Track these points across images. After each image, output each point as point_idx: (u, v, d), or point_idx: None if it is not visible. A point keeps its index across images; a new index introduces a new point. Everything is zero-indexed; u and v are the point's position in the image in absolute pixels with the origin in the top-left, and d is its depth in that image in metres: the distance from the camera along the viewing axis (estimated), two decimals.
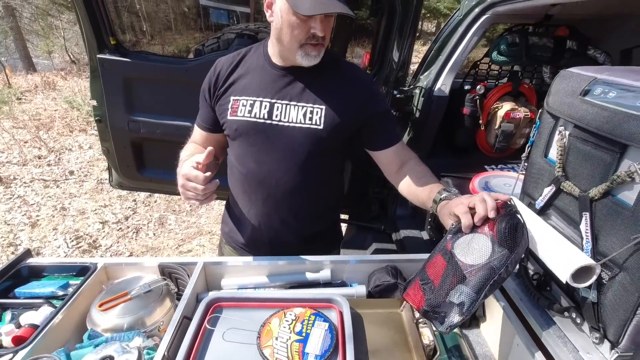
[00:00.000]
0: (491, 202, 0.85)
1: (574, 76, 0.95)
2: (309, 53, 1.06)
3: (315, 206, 1.30)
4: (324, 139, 1.15)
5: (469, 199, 0.89)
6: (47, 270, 1.26)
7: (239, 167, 1.24)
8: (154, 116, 1.82)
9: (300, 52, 1.06)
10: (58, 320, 1.02)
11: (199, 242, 3.43)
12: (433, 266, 0.89)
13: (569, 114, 0.93)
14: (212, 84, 1.20)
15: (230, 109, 1.17)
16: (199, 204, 1.05)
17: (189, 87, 1.73)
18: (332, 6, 0.97)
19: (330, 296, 1.10)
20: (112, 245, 3.36)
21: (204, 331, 0.99)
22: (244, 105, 1.15)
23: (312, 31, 1.02)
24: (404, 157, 1.21)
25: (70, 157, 4.98)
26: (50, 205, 3.89)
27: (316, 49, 1.07)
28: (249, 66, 1.18)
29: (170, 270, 1.25)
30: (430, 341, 0.99)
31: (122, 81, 1.76)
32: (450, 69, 1.80)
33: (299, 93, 1.14)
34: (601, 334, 0.82)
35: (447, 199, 0.98)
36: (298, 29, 1.02)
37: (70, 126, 5.96)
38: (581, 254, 0.83)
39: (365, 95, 1.18)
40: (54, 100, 7.40)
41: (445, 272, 0.85)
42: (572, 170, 0.93)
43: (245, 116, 1.15)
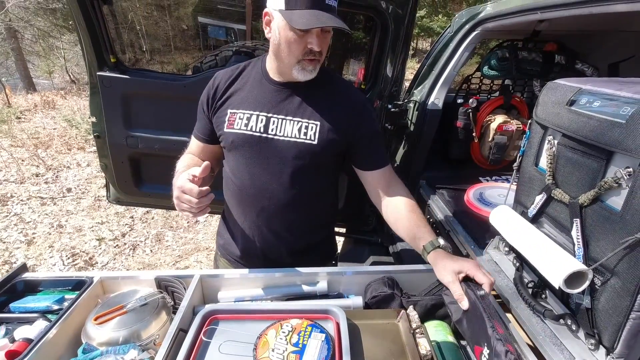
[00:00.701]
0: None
1: (560, 87, 0.99)
2: (306, 68, 1.10)
3: (309, 220, 1.31)
4: (317, 153, 1.17)
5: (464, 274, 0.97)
6: (42, 284, 1.25)
7: (234, 179, 1.25)
8: (152, 132, 1.85)
9: (297, 67, 1.09)
10: (52, 335, 1.01)
11: (196, 259, 3.41)
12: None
13: (557, 124, 0.95)
14: (211, 96, 1.23)
15: (227, 121, 1.19)
16: (192, 215, 1.06)
17: (187, 102, 1.76)
18: (327, 21, 1.01)
19: (327, 307, 1.09)
20: (108, 262, 3.33)
21: (200, 343, 0.98)
22: (240, 118, 1.18)
23: (309, 46, 1.06)
24: (390, 181, 1.24)
25: (68, 174, 4.99)
26: (47, 223, 3.87)
27: (312, 63, 1.10)
28: (247, 80, 1.21)
29: (166, 283, 1.24)
30: (427, 351, 0.99)
31: (121, 98, 1.79)
32: (442, 83, 1.85)
33: (295, 108, 1.17)
34: (596, 339, 0.82)
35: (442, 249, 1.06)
36: (295, 44, 1.05)
37: (68, 144, 5.99)
38: (573, 259, 0.84)
39: (358, 115, 1.20)
40: (53, 119, 7.45)
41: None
42: (561, 178, 0.95)
43: (242, 129, 1.17)
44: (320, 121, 1.16)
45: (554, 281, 0.82)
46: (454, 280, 0.96)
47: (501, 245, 1.24)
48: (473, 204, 1.62)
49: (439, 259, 1.03)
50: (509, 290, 1.10)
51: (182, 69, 2.42)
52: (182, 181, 1.02)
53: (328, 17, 1.00)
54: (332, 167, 1.28)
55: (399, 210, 1.19)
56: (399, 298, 1.18)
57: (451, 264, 0.99)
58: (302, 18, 1.00)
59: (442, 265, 1.01)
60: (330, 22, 1.01)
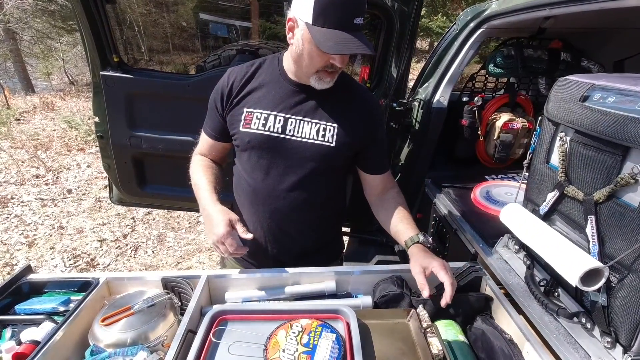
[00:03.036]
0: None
1: (572, 83, 0.98)
2: (323, 79, 1.10)
3: (320, 220, 1.31)
4: (334, 156, 1.18)
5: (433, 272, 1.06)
6: (48, 286, 1.24)
7: (248, 178, 1.24)
8: (156, 132, 1.83)
9: (315, 77, 1.10)
10: (60, 336, 1.00)
11: (198, 259, 3.39)
12: None
13: (569, 120, 0.94)
14: (225, 94, 1.20)
15: (243, 120, 1.18)
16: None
17: (190, 102, 1.76)
18: (354, 47, 0.98)
19: (337, 307, 1.08)
20: (110, 263, 3.32)
21: (209, 345, 0.97)
22: (257, 118, 1.16)
23: (331, 61, 1.05)
24: (387, 185, 1.31)
25: (68, 175, 4.97)
26: (48, 224, 3.85)
27: (331, 76, 1.10)
28: (264, 79, 1.20)
29: (173, 284, 1.23)
30: (439, 351, 0.98)
31: (124, 97, 1.78)
32: (447, 81, 1.83)
33: (313, 110, 1.16)
34: (613, 338, 0.81)
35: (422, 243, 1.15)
36: (318, 58, 1.05)
37: (68, 145, 5.97)
38: (589, 257, 0.83)
39: (373, 120, 1.23)
40: (53, 120, 7.43)
41: None
42: (574, 175, 0.94)
43: (260, 129, 1.16)
44: (337, 124, 1.16)
45: (570, 279, 0.81)
46: (419, 272, 1.07)
47: (511, 243, 1.23)
48: (480, 203, 1.61)
49: (415, 253, 1.12)
50: (520, 289, 1.09)
51: (185, 69, 2.40)
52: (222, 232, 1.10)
53: (355, 42, 0.99)
54: (344, 169, 1.29)
55: (387, 209, 1.27)
56: (408, 297, 1.17)
57: (421, 260, 1.08)
58: (329, 40, 0.99)
59: (415, 259, 1.11)
60: (357, 49, 1.00)
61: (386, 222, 1.26)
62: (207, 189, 1.20)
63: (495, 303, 1.13)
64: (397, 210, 1.24)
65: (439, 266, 1.04)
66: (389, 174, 1.32)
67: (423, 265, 1.07)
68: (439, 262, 1.05)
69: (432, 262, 1.06)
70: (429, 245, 1.15)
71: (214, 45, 2.18)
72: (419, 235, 1.16)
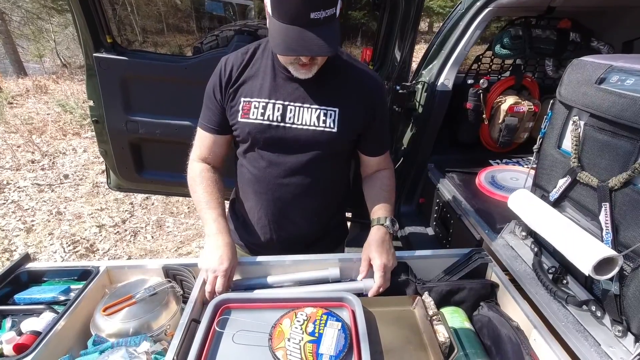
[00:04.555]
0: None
1: (588, 65, 0.94)
2: (299, 70, 1.05)
3: (325, 207, 1.29)
4: (336, 141, 1.14)
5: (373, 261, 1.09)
6: (47, 275, 1.22)
7: (250, 168, 1.21)
8: (153, 116, 1.78)
9: (292, 67, 1.05)
10: (61, 326, 0.99)
11: (198, 245, 3.38)
12: None
13: (584, 103, 0.91)
14: (224, 84, 1.15)
15: (241, 110, 1.13)
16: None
17: (188, 85, 1.70)
18: (303, 48, 0.92)
19: (342, 295, 1.07)
20: (109, 249, 3.30)
21: (213, 334, 0.95)
22: (255, 107, 1.12)
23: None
24: (381, 166, 1.29)
25: (64, 160, 4.90)
26: (46, 210, 3.82)
27: (306, 67, 1.04)
28: (259, 66, 1.14)
29: (174, 272, 1.21)
30: (445, 338, 0.97)
31: (119, 80, 1.72)
32: (452, 63, 1.78)
33: (312, 95, 1.12)
34: (624, 326, 0.80)
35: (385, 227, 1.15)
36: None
37: (63, 130, 5.87)
38: (602, 245, 0.81)
39: (375, 99, 1.18)
40: (46, 104, 7.29)
41: None
42: (588, 161, 0.91)
43: (258, 119, 1.12)
44: (339, 107, 1.12)
45: (582, 268, 0.79)
46: (364, 258, 1.11)
47: (517, 229, 1.21)
48: (485, 188, 1.58)
49: (371, 238, 1.13)
50: (527, 276, 1.08)
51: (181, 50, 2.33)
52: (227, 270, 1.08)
53: (309, 41, 0.91)
54: (347, 153, 1.27)
55: (372, 187, 1.27)
56: (413, 284, 1.16)
57: (371, 250, 1.10)
58: (278, 37, 0.93)
59: (368, 244, 1.13)
60: (306, 50, 0.93)
61: (367, 199, 1.26)
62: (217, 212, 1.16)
63: (501, 290, 1.12)
64: (380, 189, 1.24)
65: (378, 267, 1.07)
66: (386, 156, 1.29)
67: (370, 256, 1.10)
68: (382, 261, 1.07)
69: (377, 259, 1.08)
70: (392, 232, 1.15)
71: (210, 25, 2.10)
72: (387, 219, 1.16)
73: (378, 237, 1.12)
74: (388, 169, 1.30)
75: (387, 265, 1.08)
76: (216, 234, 1.12)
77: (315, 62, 1.04)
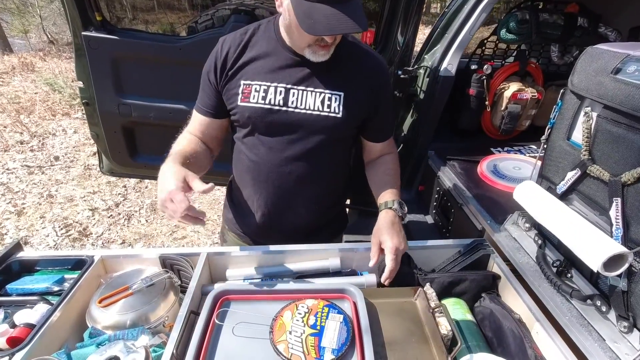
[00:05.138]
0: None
1: (604, 53, 0.90)
2: (317, 52, 1.01)
3: (326, 194, 1.26)
4: (341, 127, 1.11)
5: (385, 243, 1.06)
6: (39, 264, 1.19)
7: (249, 154, 1.17)
8: (147, 99, 1.71)
9: (309, 50, 1.01)
10: (56, 318, 0.96)
11: (193, 229, 3.35)
12: None
13: (598, 94, 0.88)
14: (220, 65, 1.10)
15: (241, 94, 1.08)
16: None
17: (183, 67, 1.63)
18: (339, 26, 0.88)
19: (343, 286, 1.05)
20: (103, 232, 3.27)
21: (213, 326, 0.94)
22: (256, 90, 1.07)
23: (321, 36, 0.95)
24: (385, 151, 1.27)
25: (54, 142, 4.79)
26: (36, 193, 3.74)
27: (325, 49, 1.01)
28: (260, 47, 1.09)
29: (172, 261, 1.19)
30: (447, 331, 0.96)
31: (110, 61, 1.64)
32: (457, 47, 1.72)
33: (316, 78, 1.07)
34: (630, 322, 0.79)
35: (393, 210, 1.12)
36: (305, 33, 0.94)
37: (52, 110, 5.71)
38: (612, 241, 0.80)
39: (380, 83, 1.14)
40: (34, 82, 7.06)
41: None
42: (600, 154, 0.89)
43: (259, 102, 1.07)
44: (344, 92, 1.08)
45: (591, 264, 0.78)
46: (375, 243, 1.08)
47: (521, 221, 1.20)
48: (487, 177, 1.56)
49: (381, 221, 1.10)
50: (530, 268, 1.07)
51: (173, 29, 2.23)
52: (172, 187, 0.89)
53: (341, 19, 0.88)
54: (351, 139, 1.23)
55: (376, 171, 1.24)
56: (415, 275, 1.15)
57: (381, 233, 1.07)
58: (309, 17, 0.88)
59: (378, 228, 1.10)
60: (342, 28, 0.89)
61: (372, 184, 1.24)
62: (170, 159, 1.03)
63: (502, 281, 1.11)
64: (384, 174, 1.22)
65: (390, 249, 1.04)
66: (390, 141, 1.28)
67: (381, 239, 1.07)
68: (393, 244, 1.04)
69: (388, 241, 1.05)
70: (401, 214, 1.13)
71: (204, 3, 2.01)
72: (395, 202, 1.13)
73: (388, 220, 1.09)
74: (392, 153, 1.28)
75: (399, 248, 1.05)
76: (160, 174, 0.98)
77: (335, 42, 1.00)
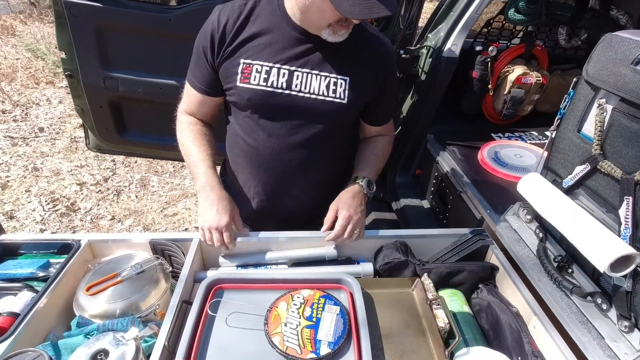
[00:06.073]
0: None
1: (624, 42, 0.85)
2: (337, 32, 0.94)
3: (327, 181, 1.22)
4: (346, 113, 1.06)
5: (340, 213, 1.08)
6: (23, 247, 1.14)
7: (247, 138, 1.10)
8: (134, 73, 1.61)
9: (328, 30, 0.94)
10: (43, 304, 0.92)
11: (184, 205, 3.30)
12: None
13: (615, 85, 0.83)
14: (217, 41, 1.01)
15: (240, 73, 1.01)
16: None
17: (173, 39, 1.53)
18: (377, 10, 0.83)
19: (339, 276, 1.03)
20: (92, 208, 3.19)
21: (206, 316, 0.91)
22: (258, 71, 1.00)
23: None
24: (381, 132, 1.24)
25: (38, 112, 4.60)
26: (21, 165, 3.62)
27: (346, 28, 0.94)
28: (263, 22, 1.01)
29: (163, 247, 1.15)
30: (445, 324, 0.95)
31: (94, 31, 1.53)
32: (462, 27, 1.64)
33: (322, 60, 1.01)
34: (631, 322, 0.78)
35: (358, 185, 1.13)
36: (331, 13, 0.88)
37: (35, 77, 5.46)
38: (620, 241, 0.77)
39: (387, 69, 1.10)
40: (15, 47, 6.71)
41: None
42: (612, 149, 0.85)
43: (261, 85, 1.00)
44: (349, 76, 1.02)
45: (598, 264, 0.76)
46: (331, 209, 1.10)
47: (522, 212, 1.18)
48: (488, 164, 1.53)
49: (345, 192, 1.12)
50: (529, 261, 1.05)
51: None
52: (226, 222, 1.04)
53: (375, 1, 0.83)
54: (354, 124, 1.19)
55: (365, 149, 1.22)
56: (412, 265, 1.13)
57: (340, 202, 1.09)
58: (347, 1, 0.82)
59: (339, 197, 1.12)
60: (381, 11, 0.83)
61: (356, 158, 1.23)
62: (206, 165, 1.09)
63: (500, 273, 1.10)
64: (370, 152, 1.21)
65: (343, 217, 1.06)
66: (389, 123, 1.26)
67: (339, 207, 1.09)
68: (347, 214, 1.06)
69: (344, 211, 1.06)
70: (366, 192, 1.13)
71: None
72: (364, 180, 1.13)
73: (350, 194, 1.11)
74: (387, 135, 1.26)
75: (353, 218, 1.07)
76: (207, 189, 1.06)
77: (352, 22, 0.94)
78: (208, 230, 1.05)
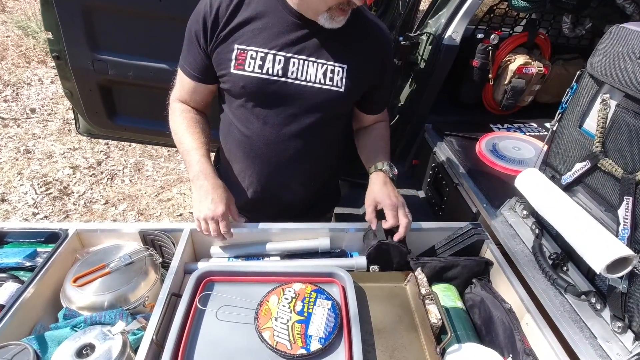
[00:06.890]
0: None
1: (632, 35, 0.81)
2: (335, 18, 0.91)
3: (322, 171, 1.21)
4: (343, 102, 1.04)
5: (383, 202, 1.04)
6: (10, 235, 1.11)
7: (241, 127, 1.07)
8: (125, 56, 1.55)
9: (326, 15, 0.90)
10: (29, 294, 0.90)
11: (179, 190, 3.28)
12: None
13: (621, 81, 0.80)
14: (210, 25, 0.97)
15: (234, 60, 0.97)
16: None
17: (164, 21, 1.47)
18: None
19: (332, 270, 1.02)
20: (85, 192, 3.16)
21: (196, 310, 0.90)
22: (252, 57, 0.96)
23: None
24: (377, 120, 1.23)
25: (30, 92, 4.50)
26: (12, 147, 3.56)
27: (344, 13, 0.91)
28: (257, 5, 0.96)
29: (153, 237, 1.13)
30: (437, 320, 0.94)
31: (81, 11, 1.46)
32: (464, 14, 1.58)
33: (319, 47, 0.97)
34: (625, 323, 0.78)
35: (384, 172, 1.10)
36: None
37: (26, 56, 5.33)
38: (617, 242, 0.76)
39: (385, 57, 1.07)
40: (5, 24, 6.52)
41: None
42: (614, 147, 0.83)
43: (256, 72, 0.97)
44: (347, 64, 0.99)
45: (594, 265, 0.75)
46: (370, 204, 1.06)
47: (518, 207, 1.16)
48: (486, 157, 1.51)
49: (373, 183, 1.09)
50: (524, 258, 1.04)
51: None
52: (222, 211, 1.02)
53: None
54: (350, 113, 1.18)
55: (367, 137, 1.21)
56: (404, 254, 1.11)
57: (376, 193, 1.06)
58: None
59: (371, 190, 1.08)
60: None
61: (362, 149, 1.20)
62: (200, 153, 1.05)
63: (495, 268, 1.09)
64: (375, 139, 1.19)
65: (389, 206, 1.02)
66: (384, 112, 1.24)
67: (377, 199, 1.05)
68: (391, 201, 1.03)
69: (385, 199, 1.03)
70: (391, 176, 1.11)
71: None
72: (384, 164, 1.11)
73: (379, 181, 1.08)
74: (384, 121, 1.25)
75: (397, 204, 1.03)
76: (201, 177, 1.04)
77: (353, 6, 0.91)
78: (204, 220, 1.02)
